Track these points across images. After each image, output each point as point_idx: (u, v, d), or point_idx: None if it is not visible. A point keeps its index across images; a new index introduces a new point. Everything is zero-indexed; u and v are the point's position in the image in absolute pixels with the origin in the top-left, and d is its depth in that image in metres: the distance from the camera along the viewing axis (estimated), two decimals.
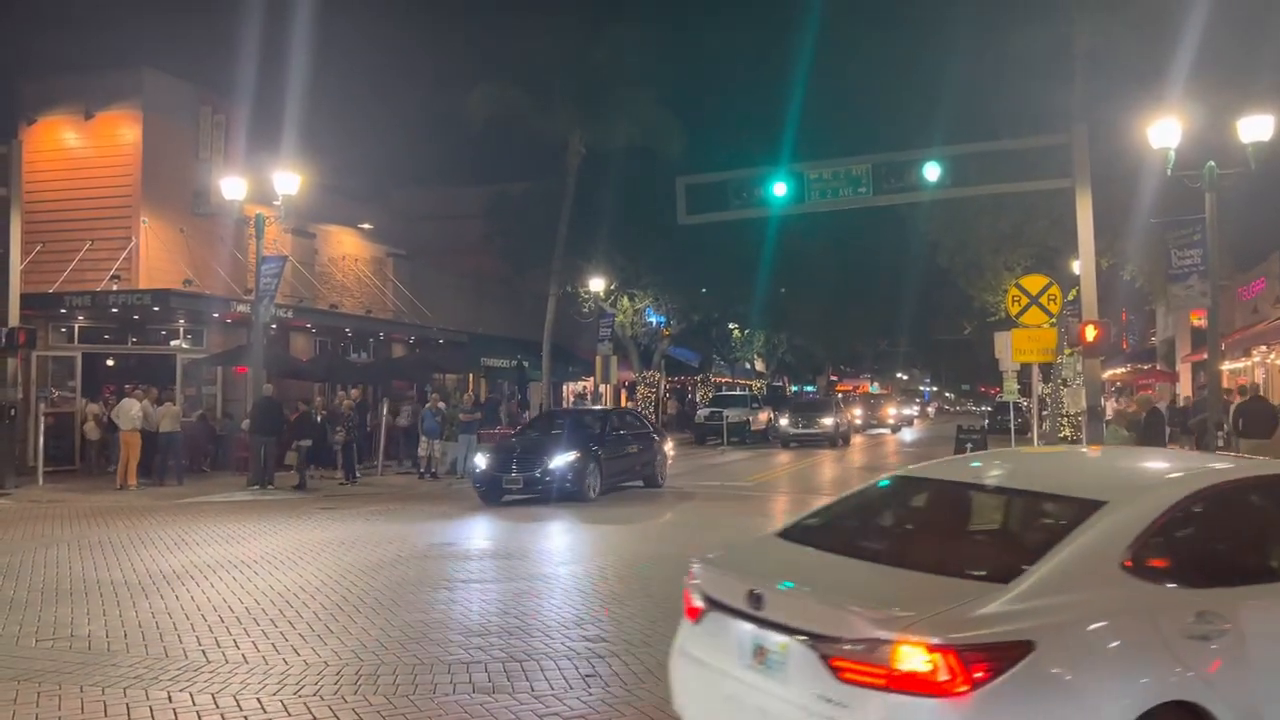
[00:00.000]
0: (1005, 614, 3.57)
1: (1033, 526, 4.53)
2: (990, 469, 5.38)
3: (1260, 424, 14.61)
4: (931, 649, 3.44)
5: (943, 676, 3.41)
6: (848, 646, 3.60)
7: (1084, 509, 4.06)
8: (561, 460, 16.38)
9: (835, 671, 3.62)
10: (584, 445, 17.05)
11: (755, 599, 3.97)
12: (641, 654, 6.96)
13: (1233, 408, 15.25)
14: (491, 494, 16.47)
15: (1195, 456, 5.42)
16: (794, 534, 4.81)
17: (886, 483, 5.28)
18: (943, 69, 22.09)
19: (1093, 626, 3.68)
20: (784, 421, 34.94)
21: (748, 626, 4.00)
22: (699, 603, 4.38)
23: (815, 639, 3.70)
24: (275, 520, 14.34)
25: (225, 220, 23.83)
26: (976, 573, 3.95)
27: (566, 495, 16.12)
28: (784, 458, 28.73)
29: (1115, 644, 3.69)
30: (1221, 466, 5.02)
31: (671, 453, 20.73)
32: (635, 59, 29.29)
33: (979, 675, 3.41)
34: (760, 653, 3.94)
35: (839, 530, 4.79)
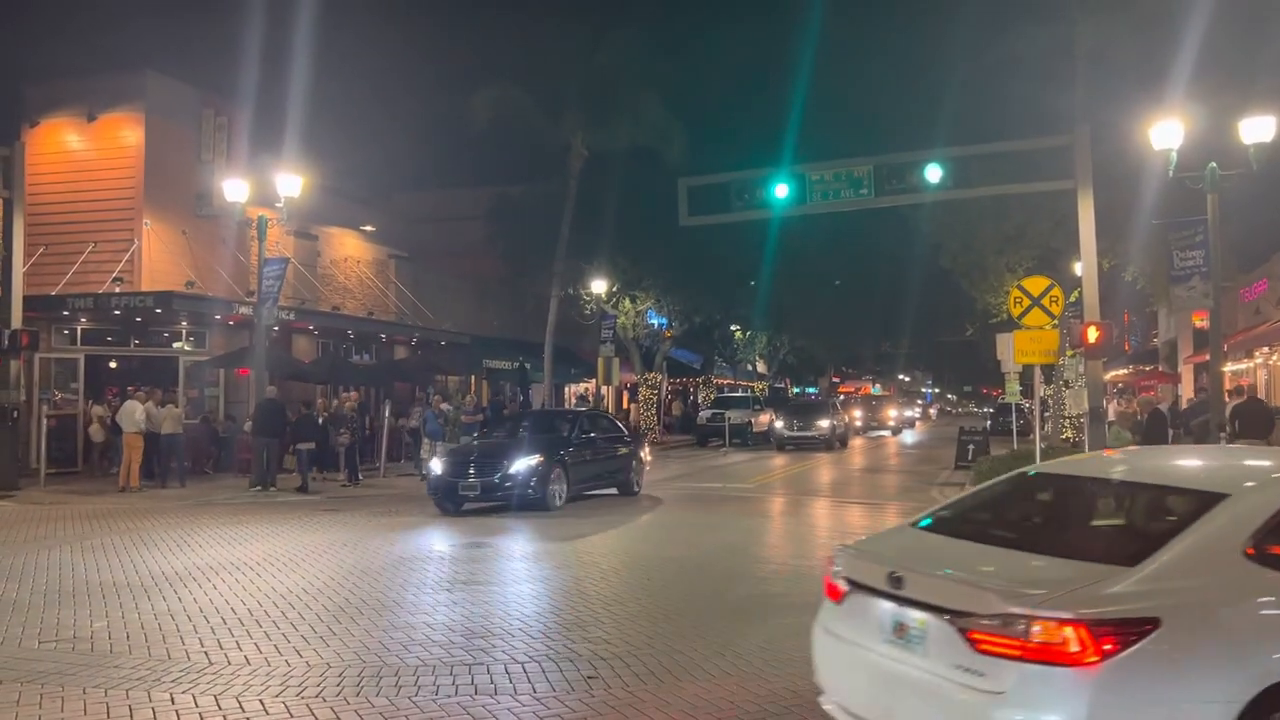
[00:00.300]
0: (1132, 593, 3.87)
1: (1156, 517, 4.77)
2: (1112, 466, 5.69)
3: (1256, 425, 14.64)
4: (1063, 623, 3.73)
5: (1074, 648, 3.71)
6: (985, 621, 3.90)
7: (1207, 501, 4.34)
8: (523, 465, 15.32)
9: (972, 643, 3.93)
10: (549, 449, 15.98)
11: (895, 580, 4.32)
12: (644, 656, 6.96)
13: (1229, 409, 15.25)
14: (447, 501, 15.47)
15: None
16: (928, 524, 5.18)
17: (1012, 479, 5.59)
18: (945, 70, 22.12)
19: (1216, 607, 3.94)
20: (779, 424, 34.22)
21: (888, 605, 4.37)
22: (842, 585, 4.74)
23: (954, 614, 4.03)
24: (278, 522, 14.35)
25: (228, 222, 23.89)
26: (1104, 557, 4.22)
27: (529, 503, 15.14)
28: (779, 461, 28.49)
29: (1237, 624, 3.95)
30: None
31: (649, 457, 19.79)
32: (638, 61, 29.32)
33: (1108, 647, 3.70)
34: (900, 628, 4.30)
35: (970, 520, 5.16)
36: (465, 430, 20.85)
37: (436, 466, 15.89)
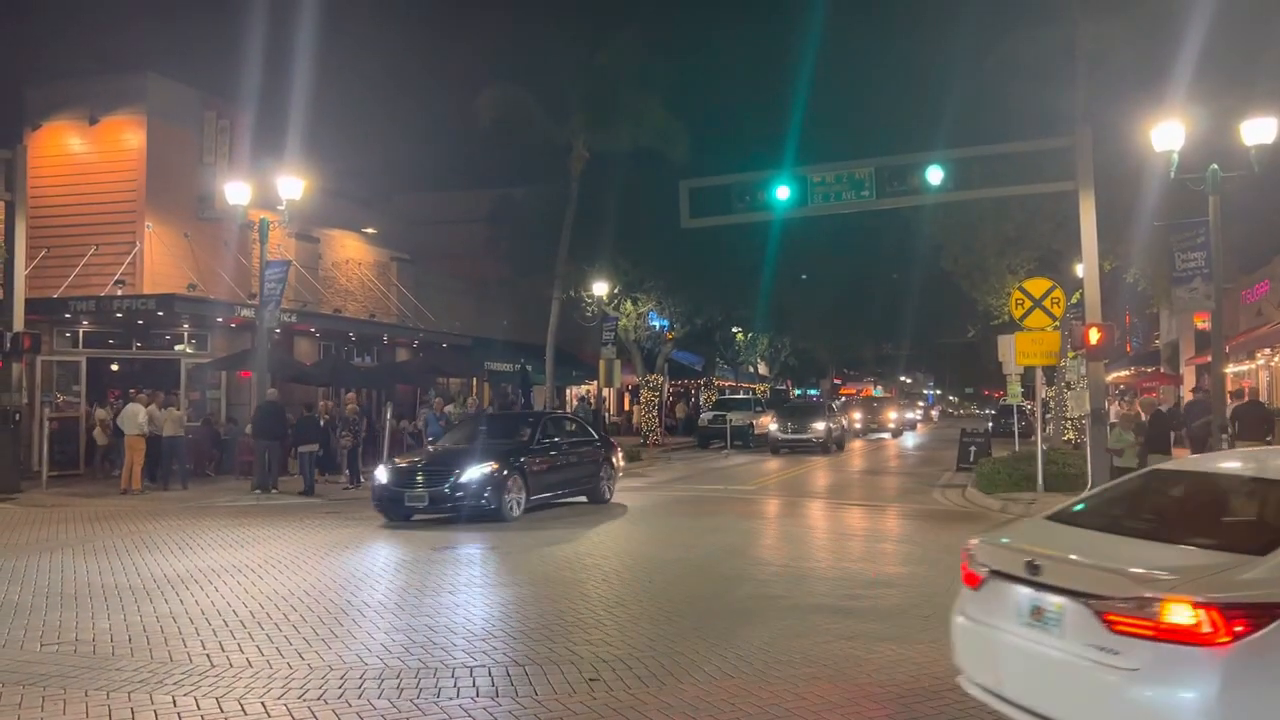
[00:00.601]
0: (1263, 580, 4.10)
1: None
2: (1241, 463, 5.91)
3: (1255, 427, 14.68)
4: (1196, 605, 3.97)
5: (1206, 629, 3.95)
6: (1120, 604, 4.18)
7: None
8: (475, 473, 14.29)
9: (1108, 625, 4.21)
10: (505, 455, 14.89)
11: (1033, 567, 4.64)
12: (646, 659, 6.96)
13: (1229, 410, 15.28)
14: (393, 512, 14.51)
15: None
16: (1061, 517, 5.46)
17: (1142, 475, 5.93)
18: (946, 72, 22.19)
19: None
20: (774, 426, 33.29)
21: (1026, 590, 4.68)
22: (981, 572, 5.05)
23: (1090, 598, 4.31)
24: (279, 525, 14.35)
25: (229, 225, 23.91)
26: (1235, 547, 4.43)
27: (481, 514, 14.15)
28: (777, 464, 28.14)
29: None
30: None
31: (621, 462, 18.78)
32: (640, 62, 29.33)
33: (1239, 629, 3.93)
34: (1037, 612, 4.60)
35: (1102, 514, 5.40)
36: None
37: (381, 476, 14.81)
